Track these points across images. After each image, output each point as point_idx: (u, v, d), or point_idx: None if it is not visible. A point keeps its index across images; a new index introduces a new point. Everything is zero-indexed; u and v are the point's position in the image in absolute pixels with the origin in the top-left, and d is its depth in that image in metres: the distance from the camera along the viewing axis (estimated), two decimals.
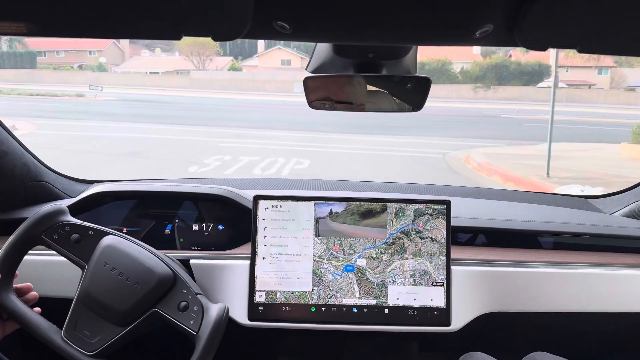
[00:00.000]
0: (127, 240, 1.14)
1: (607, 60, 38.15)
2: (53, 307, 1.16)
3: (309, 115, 13.49)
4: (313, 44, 1.17)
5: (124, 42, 37.81)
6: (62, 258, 1.13)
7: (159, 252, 1.16)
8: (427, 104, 1.20)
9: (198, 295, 1.09)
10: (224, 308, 1.08)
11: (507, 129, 14.75)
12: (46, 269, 1.38)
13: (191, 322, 1.06)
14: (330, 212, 1.34)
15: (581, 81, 34.04)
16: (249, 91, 28.37)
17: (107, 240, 1.13)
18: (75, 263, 1.13)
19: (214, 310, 1.06)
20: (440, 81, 34.06)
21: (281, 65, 37.99)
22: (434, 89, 1.15)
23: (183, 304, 1.08)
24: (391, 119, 13.73)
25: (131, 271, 1.09)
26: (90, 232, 1.13)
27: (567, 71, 33.44)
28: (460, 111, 19.50)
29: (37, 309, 1.14)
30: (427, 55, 33.65)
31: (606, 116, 19.87)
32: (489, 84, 30.00)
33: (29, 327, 1.09)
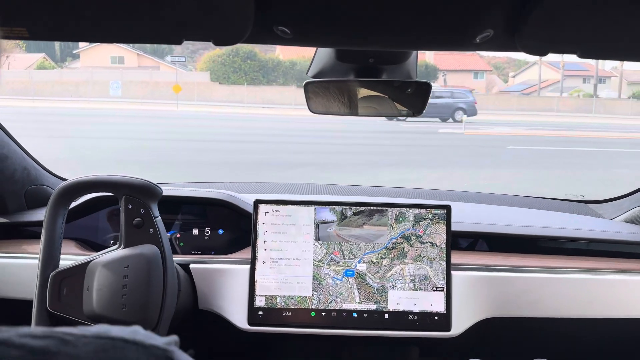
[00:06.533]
0: (164, 263, 1.14)
1: (482, 63, 37.57)
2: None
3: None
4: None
5: None
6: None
7: (173, 297, 1.16)
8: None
9: None
10: None
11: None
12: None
13: None
14: (330, 220, 1.34)
15: (459, 86, 33.13)
16: (54, 97, 21.80)
17: (149, 249, 1.13)
18: (117, 238, 1.16)
19: None
20: None
21: (112, 64, 31.05)
22: None
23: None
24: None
25: (133, 292, 1.09)
26: (150, 230, 1.15)
27: (444, 75, 32.52)
28: (373, 127, 14.06)
29: None
30: (297, 53, 30.24)
31: (555, 126, 16.84)
32: None
33: None
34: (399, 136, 12.96)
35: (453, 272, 1.34)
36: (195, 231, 1.45)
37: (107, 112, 17.20)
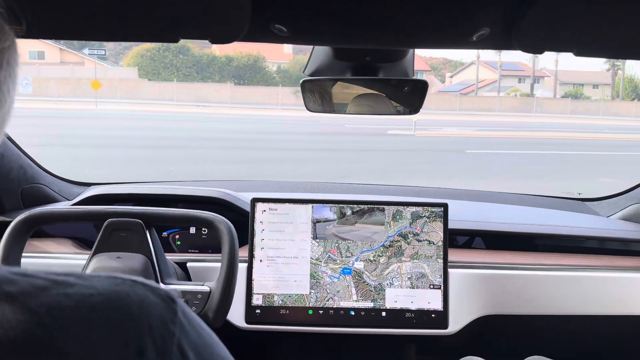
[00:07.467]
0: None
1: (422, 63, 37.50)
2: None
3: None
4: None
5: None
6: None
7: None
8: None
9: None
10: None
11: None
12: None
13: None
14: (328, 219, 1.34)
15: None
16: None
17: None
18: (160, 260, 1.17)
19: None
20: (254, 82, 28.33)
21: (30, 60, 28.35)
22: (246, 93, 1.13)
23: None
24: None
25: None
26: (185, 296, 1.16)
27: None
28: (314, 128, 12.72)
29: None
30: (234, 49, 28.97)
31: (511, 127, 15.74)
32: None
33: None
34: (344, 139, 11.66)
35: (450, 270, 1.34)
36: (193, 230, 1.45)
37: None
